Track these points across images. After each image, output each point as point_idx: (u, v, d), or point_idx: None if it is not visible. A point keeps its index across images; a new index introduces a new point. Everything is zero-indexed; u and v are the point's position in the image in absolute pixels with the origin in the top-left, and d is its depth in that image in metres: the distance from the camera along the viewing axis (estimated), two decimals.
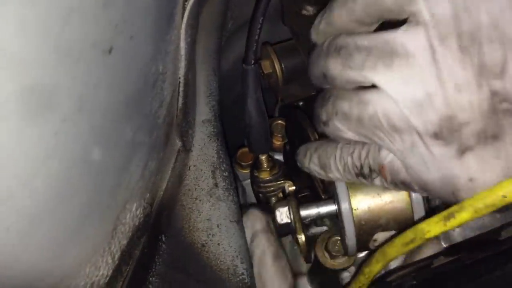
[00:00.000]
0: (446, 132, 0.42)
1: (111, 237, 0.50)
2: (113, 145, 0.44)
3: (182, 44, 0.52)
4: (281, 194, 0.70)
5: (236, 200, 0.63)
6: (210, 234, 0.61)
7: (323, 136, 0.53)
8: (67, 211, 0.41)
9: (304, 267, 0.77)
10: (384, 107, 0.44)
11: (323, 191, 0.64)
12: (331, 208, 0.60)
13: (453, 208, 0.42)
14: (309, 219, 0.62)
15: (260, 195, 0.71)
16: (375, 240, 0.58)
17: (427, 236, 0.43)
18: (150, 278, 0.58)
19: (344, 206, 0.56)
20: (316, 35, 0.51)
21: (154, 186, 0.57)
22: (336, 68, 0.46)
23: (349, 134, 0.48)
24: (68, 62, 0.33)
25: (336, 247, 0.73)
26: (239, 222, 0.62)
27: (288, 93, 0.74)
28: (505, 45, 0.40)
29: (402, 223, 0.56)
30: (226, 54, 0.78)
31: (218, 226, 0.61)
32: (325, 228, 0.77)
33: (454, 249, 0.60)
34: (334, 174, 0.53)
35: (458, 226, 0.42)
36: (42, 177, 0.36)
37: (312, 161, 0.55)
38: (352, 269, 0.73)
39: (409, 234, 0.44)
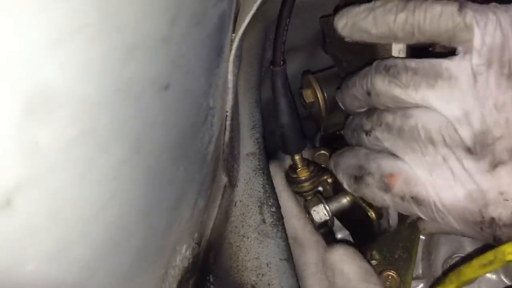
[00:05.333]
0: (480, 147, 0.45)
1: (162, 281, 0.47)
2: (166, 185, 0.41)
3: (230, 77, 0.50)
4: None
5: (284, 236, 0.60)
6: (259, 273, 0.58)
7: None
8: (120, 258, 0.39)
9: None
10: (425, 120, 0.47)
11: None
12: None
13: None
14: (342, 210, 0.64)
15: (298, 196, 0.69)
16: None
17: (508, 258, 0.43)
18: None
19: None
20: None
21: (202, 225, 0.55)
22: (383, 85, 0.49)
23: (387, 144, 0.51)
24: (128, 101, 0.31)
25: (388, 282, 0.70)
26: (289, 260, 0.59)
27: (331, 122, 0.71)
28: None
29: None
30: (265, 84, 0.76)
31: (267, 265, 0.58)
32: (374, 262, 0.73)
33: None
34: (339, 173, 0.58)
35: None
36: (99, 224, 0.34)
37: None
38: None
39: (488, 256, 0.44)
